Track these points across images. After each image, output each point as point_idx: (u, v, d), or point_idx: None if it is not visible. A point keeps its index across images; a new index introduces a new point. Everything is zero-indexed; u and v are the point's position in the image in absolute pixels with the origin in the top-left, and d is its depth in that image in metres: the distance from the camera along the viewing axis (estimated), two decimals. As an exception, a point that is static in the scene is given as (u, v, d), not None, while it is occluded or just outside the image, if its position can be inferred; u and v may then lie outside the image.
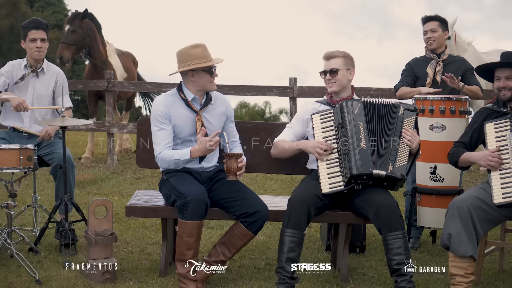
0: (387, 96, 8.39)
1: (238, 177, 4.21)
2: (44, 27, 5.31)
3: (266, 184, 8.16)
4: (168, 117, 4.30)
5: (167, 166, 4.31)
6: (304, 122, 4.57)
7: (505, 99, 4.31)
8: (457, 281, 4.02)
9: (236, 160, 4.17)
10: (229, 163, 4.17)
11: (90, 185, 7.84)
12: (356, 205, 4.24)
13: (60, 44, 9.27)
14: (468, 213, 3.97)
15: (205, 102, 4.41)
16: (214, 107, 4.45)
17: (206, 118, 4.38)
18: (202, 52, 4.31)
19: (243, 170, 4.27)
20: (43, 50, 5.29)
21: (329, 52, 4.52)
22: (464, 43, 9.17)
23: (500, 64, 4.36)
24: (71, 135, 13.14)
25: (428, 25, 5.66)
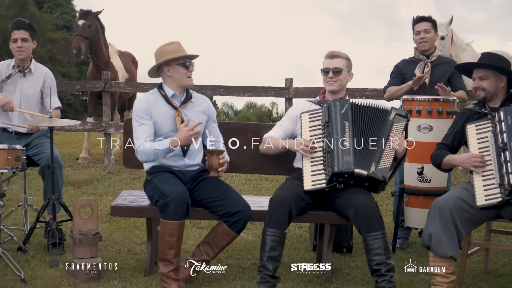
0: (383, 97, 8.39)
1: (219, 174, 4.25)
2: (26, 26, 5.36)
3: (260, 184, 8.19)
4: (149, 113, 4.36)
5: (146, 158, 4.34)
6: (294, 120, 4.61)
7: (479, 99, 4.34)
8: (437, 281, 4.04)
9: (217, 157, 4.21)
10: (210, 159, 4.21)
11: (85, 185, 7.88)
12: (337, 206, 4.27)
13: (76, 36, 9.34)
14: (449, 214, 3.98)
15: (184, 99, 4.47)
16: (194, 105, 4.49)
17: (186, 115, 4.43)
18: (176, 48, 4.41)
19: (225, 166, 4.31)
20: (25, 50, 5.34)
21: (333, 51, 4.57)
22: (462, 43, 9.14)
23: (475, 64, 4.40)
24: (72, 135, 13.21)
25: (422, 26, 5.66)
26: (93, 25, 9.44)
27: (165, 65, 4.42)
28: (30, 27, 5.41)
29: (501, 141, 4.06)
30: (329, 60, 4.54)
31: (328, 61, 4.54)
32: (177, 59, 4.38)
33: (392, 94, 5.58)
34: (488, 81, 4.29)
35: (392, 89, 5.60)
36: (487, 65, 4.31)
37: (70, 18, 40.19)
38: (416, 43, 5.71)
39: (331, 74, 4.48)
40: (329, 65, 4.52)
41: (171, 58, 4.36)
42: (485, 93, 4.31)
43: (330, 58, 4.54)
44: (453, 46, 8.81)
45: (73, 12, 41.44)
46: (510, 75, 4.31)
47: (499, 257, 5.25)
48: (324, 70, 4.52)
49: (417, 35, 5.67)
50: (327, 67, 4.51)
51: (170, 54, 4.37)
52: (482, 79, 4.31)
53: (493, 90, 4.31)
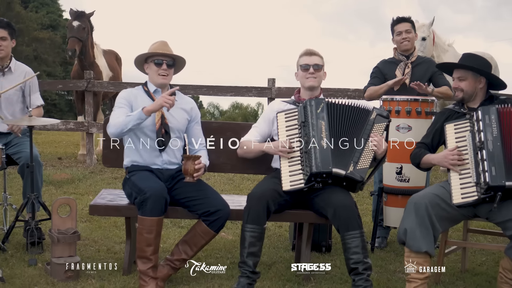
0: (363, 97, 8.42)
1: (194, 179, 4.25)
2: (4, 25, 5.33)
3: (242, 184, 8.20)
4: (130, 104, 4.40)
5: (115, 129, 4.31)
6: (269, 121, 4.62)
7: (457, 99, 4.38)
8: (412, 277, 4.07)
9: (193, 162, 4.22)
10: (186, 164, 4.22)
11: (67, 184, 7.86)
12: (316, 205, 4.29)
13: (71, 38, 9.38)
14: (425, 210, 4.02)
15: None
16: (177, 103, 4.50)
17: (168, 112, 4.45)
18: (157, 46, 4.50)
19: (200, 172, 4.30)
20: (3, 48, 5.31)
21: (310, 49, 4.61)
22: (444, 44, 9.21)
23: (454, 65, 4.45)
24: (55, 135, 13.18)
25: (403, 26, 5.67)
26: (86, 27, 9.51)
27: (145, 62, 4.52)
28: (9, 26, 5.38)
29: (479, 140, 4.09)
30: (307, 57, 4.57)
31: (306, 58, 4.56)
32: (151, 55, 4.48)
33: (372, 93, 5.60)
34: (466, 82, 4.33)
35: (372, 89, 5.63)
36: (465, 66, 4.34)
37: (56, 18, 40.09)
38: (397, 44, 5.73)
39: (312, 70, 4.51)
40: (308, 61, 4.54)
41: (141, 54, 4.48)
42: (463, 93, 4.34)
43: (309, 55, 4.57)
44: (435, 47, 8.87)
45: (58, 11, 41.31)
46: (488, 76, 4.35)
47: (477, 256, 5.30)
48: (304, 66, 4.54)
49: (398, 35, 5.69)
50: (307, 63, 4.53)
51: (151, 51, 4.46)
52: (461, 80, 4.35)
53: (471, 91, 4.34)
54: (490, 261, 5.18)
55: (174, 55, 4.51)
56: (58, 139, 12.79)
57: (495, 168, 3.98)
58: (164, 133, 4.41)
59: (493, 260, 5.18)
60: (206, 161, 4.54)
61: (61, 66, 37.25)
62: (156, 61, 4.45)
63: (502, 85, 4.43)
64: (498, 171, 3.97)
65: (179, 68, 4.69)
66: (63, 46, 37.53)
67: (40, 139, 12.22)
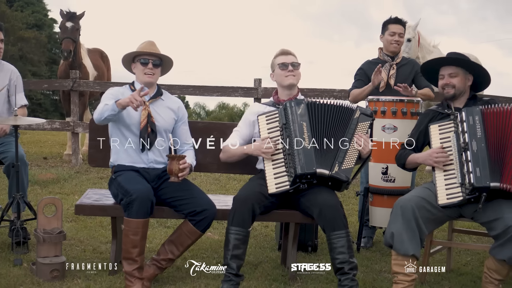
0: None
1: (179, 179, 4.24)
2: (2, 28, 5.30)
3: (228, 184, 8.21)
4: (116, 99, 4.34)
5: (95, 116, 4.32)
6: (250, 124, 4.61)
7: (448, 96, 4.37)
8: (399, 280, 4.09)
9: (178, 162, 4.21)
10: (171, 164, 4.21)
11: (52, 184, 7.83)
12: (302, 205, 4.30)
13: (66, 38, 9.41)
14: (411, 213, 4.03)
15: (154, 95, 4.52)
16: (164, 103, 4.52)
17: (154, 110, 4.46)
18: (144, 46, 4.51)
19: (185, 172, 4.29)
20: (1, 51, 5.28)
21: (286, 49, 4.61)
22: (429, 45, 9.27)
23: (445, 62, 4.42)
24: (40, 134, 13.12)
25: (397, 28, 5.69)
26: (79, 27, 9.57)
27: (132, 62, 4.53)
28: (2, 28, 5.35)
29: (463, 141, 4.11)
30: (283, 56, 4.56)
31: (283, 57, 4.55)
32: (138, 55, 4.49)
33: (356, 96, 5.61)
34: (457, 78, 4.33)
35: (356, 92, 5.64)
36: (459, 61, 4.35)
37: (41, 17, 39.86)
38: (387, 43, 5.70)
39: (291, 67, 4.51)
40: (285, 60, 4.54)
41: (128, 53, 4.50)
42: (455, 90, 4.35)
43: (285, 55, 4.56)
44: (420, 48, 8.94)
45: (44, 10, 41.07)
46: (478, 72, 4.37)
47: (462, 256, 5.33)
48: (282, 65, 4.52)
49: (391, 36, 5.68)
50: (284, 62, 4.53)
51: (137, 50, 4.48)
52: (452, 76, 4.34)
53: (462, 88, 4.35)
54: (475, 261, 5.21)
55: (160, 54, 4.51)
56: (43, 139, 12.73)
57: (480, 169, 4.01)
58: (151, 132, 4.40)
59: (478, 260, 5.21)
60: (192, 161, 4.54)
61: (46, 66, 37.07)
62: (142, 60, 4.46)
63: (487, 81, 4.45)
64: (483, 172, 3.99)
65: (167, 69, 4.69)
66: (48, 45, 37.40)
67: (25, 139, 12.15)
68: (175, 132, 4.59)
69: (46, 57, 37.30)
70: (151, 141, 4.42)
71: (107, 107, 4.22)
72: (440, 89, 4.44)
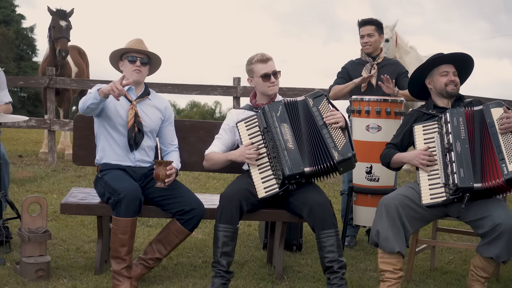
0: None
1: (166, 184, 4.20)
2: None
3: (208, 183, 8.18)
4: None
5: (80, 104, 4.28)
6: (231, 130, 4.58)
7: (453, 94, 4.41)
8: (386, 277, 4.12)
9: (165, 168, 4.17)
10: (158, 170, 4.17)
11: (29, 183, 7.72)
12: (291, 204, 4.30)
13: (62, 38, 9.34)
14: (396, 211, 4.07)
15: (141, 94, 4.47)
16: (151, 102, 4.49)
17: (141, 109, 4.42)
18: (133, 43, 4.46)
19: (172, 177, 4.25)
20: None
21: (264, 55, 4.51)
22: (406, 45, 9.35)
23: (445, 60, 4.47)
24: (13, 132, 12.93)
25: (365, 30, 5.73)
26: (71, 27, 9.56)
27: (120, 60, 4.48)
28: None
29: (447, 142, 4.16)
30: (263, 64, 4.47)
31: (262, 65, 4.47)
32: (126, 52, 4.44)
33: (337, 92, 5.63)
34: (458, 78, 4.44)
35: (337, 88, 5.67)
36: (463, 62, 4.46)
37: (9, 13, 39.24)
38: (361, 46, 5.79)
39: (273, 78, 4.48)
40: (267, 69, 4.46)
41: (116, 50, 4.46)
42: (457, 88, 4.43)
43: (264, 63, 4.48)
44: (397, 48, 9.00)
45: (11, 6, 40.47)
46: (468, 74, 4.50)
47: (444, 255, 5.38)
48: (265, 75, 4.46)
49: (361, 38, 5.75)
50: (266, 72, 4.46)
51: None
52: (455, 75, 4.42)
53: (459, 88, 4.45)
54: (457, 259, 5.27)
55: (149, 52, 4.47)
56: (16, 137, 12.55)
57: (463, 170, 4.05)
58: (137, 132, 4.36)
59: (460, 259, 5.27)
60: (178, 164, 4.51)
61: (14, 62, 36.52)
62: (130, 58, 4.41)
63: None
64: (466, 173, 4.04)
65: (155, 68, 4.64)
66: (16, 41, 36.85)
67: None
68: (160, 132, 4.55)
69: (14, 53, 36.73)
70: (138, 141, 4.38)
71: (90, 95, 4.19)
72: (442, 86, 4.43)
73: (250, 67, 4.51)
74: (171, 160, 4.30)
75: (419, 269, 4.90)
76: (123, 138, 4.38)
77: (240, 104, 9.33)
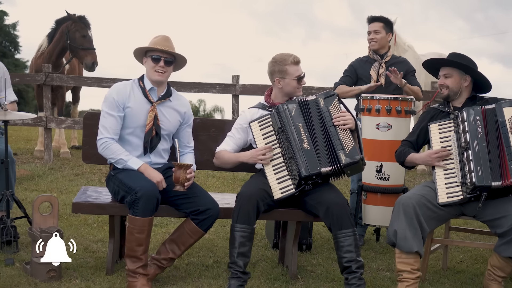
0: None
1: (185, 188, 4.13)
2: None
3: (208, 181, 8.12)
4: (120, 107, 4.23)
5: (106, 155, 4.25)
6: (244, 130, 4.52)
7: (442, 97, 4.44)
8: (404, 278, 4.09)
9: (185, 171, 4.10)
10: (177, 173, 4.10)
11: (27, 181, 7.62)
12: (307, 204, 4.26)
13: (92, 50, 9.20)
14: (413, 211, 4.04)
15: (163, 95, 4.35)
16: (172, 104, 4.39)
17: (161, 111, 4.32)
18: (158, 41, 4.31)
19: (191, 181, 4.19)
20: None
21: (297, 56, 4.44)
22: (404, 44, 9.35)
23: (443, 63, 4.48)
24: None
25: (372, 26, 5.72)
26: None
27: (144, 56, 4.35)
28: None
29: (464, 140, 4.14)
30: (297, 67, 4.41)
31: (297, 68, 4.41)
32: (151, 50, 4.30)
33: (341, 93, 5.57)
34: (451, 79, 4.38)
35: (343, 89, 5.63)
36: (452, 62, 4.39)
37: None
38: (368, 42, 5.77)
39: (304, 81, 4.44)
40: (300, 72, 4.41)
41: (140, 48, 4.32)
42: (448, 91, 4.40)
43: (298, 65, 4.43)
44: (396, 47, 8.97)
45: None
46: (473, 74, 4.40)
47: (454, 254, 5.36)
48: (299, 78, 4.40)
49: (368, 34, 5.73)
50: (300, 74, 4.41)
51: (150, 45, 4.29)
52: (446, 77, 4.40)
53: (456, 89, 4.40)
54: (468, 258, 5.25)
55: (174, 53, 4.34)
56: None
57: (481, 168, 4.04)
58: (155, 135, 4.29)
59: (471, 258, 5.25)
60: (194, 166, 4.46)
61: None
62: (154, 56, 4.28)
63: (487, 85, 4.48)
64: (484, 171, 4.03)
65: (180, 66, 4.52)
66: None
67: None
68: (178, 134, 4.47)
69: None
70: (154, 145, 4.31)
71: (123, 164, 4.20)
72: (439, 89, 4.49)
73: (284, 68, 4.40)
74: (190, 163, 4.23)
75: (431, 268, 4.88)
76: (138, 140, 4.31)
77: (239, 102, 9.27)
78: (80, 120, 9.16)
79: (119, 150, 4.20)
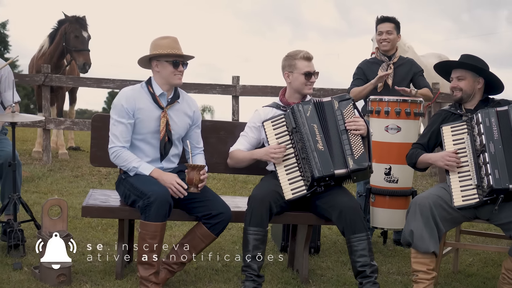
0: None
1: (199, 189, 4.08)
2: None
3: (208, 183, 7.96)
4: (130, 113, 4.16)
5: (118, 163, 4.20)
6: (257, 129, 4.49)
7: (456, 99, 4.40)
8: (420, 278, 4.06)
9: (198, 172, 4.05)
10: (191, 174, 4.04)
11: (27, 182, 7.52)
12: (319, 208, 4.22)
13: (85, 51, 9.14)
14: (429, 211, 4.02)
15: (172, 98, 4.29)
16: (180, 106, 4.33)
17: (171, 117, 4.26)
18: (169, 43, 4.22)
19: (204, 182, 4.15)
20: None
21: (309, 53, 4.41)
22: (404, 45, 9.30)
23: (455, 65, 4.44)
24: None
25: (384, 26, 5.67)
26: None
27: (154, 59, 4.24)
28: None
29: (479, 143, 4.11)
30: (307, 62, 4.38)
31: (307, 63, 4.37)
32: (167, 55, 4.20)
33: (356, 95, 5.55)
34: (465, 82, 4.35)
35: (356, 90, 5.60)
36: (466, 65, 4.36)
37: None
38: (378, 43, 5.73)
39: (314, 78, 4.39)
40: (310, 68, 4.37)
41: (160, 54, 4.18)
42: (462, 93, 4.36)
43: (309, 61, 4.39)
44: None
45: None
46: (487, 76, 4.37)
47: (463, 257, 5.34)
48: (309, 74, 4.36)
49: (379, 35, 5.69)
50: (309, 70, 4.37)
51: (161, 48, 4.17)
52: (460, 79, 4.37)
53: (470, 91, 4.37)
54: (477, 261, 5.23)
55: (190, 56, 4.30)
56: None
57: (498, 171, 4.01)
58: (167, 141, 4.24)
59: (480, 261, 5.23)
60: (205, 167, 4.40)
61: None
62: (174, 61, 4.19)
63: (500, 86, 4.46)
64: (502, 174, 4.00)
65: None
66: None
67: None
68: (187, 135, 4.42)
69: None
70: (167, 151, 4.27)
71: (136, 171, 4.14)
72: (450, 91, 4.46)
73: (293, 62, 4.38)
74: (203, 164, 4.18)
75: (442, 271, 4.84)
76: (150, 148, 4.25)
77: (239, 103, 9.21)
78: (79, 121, 9.11)
79: (130, 158, 4.15)
